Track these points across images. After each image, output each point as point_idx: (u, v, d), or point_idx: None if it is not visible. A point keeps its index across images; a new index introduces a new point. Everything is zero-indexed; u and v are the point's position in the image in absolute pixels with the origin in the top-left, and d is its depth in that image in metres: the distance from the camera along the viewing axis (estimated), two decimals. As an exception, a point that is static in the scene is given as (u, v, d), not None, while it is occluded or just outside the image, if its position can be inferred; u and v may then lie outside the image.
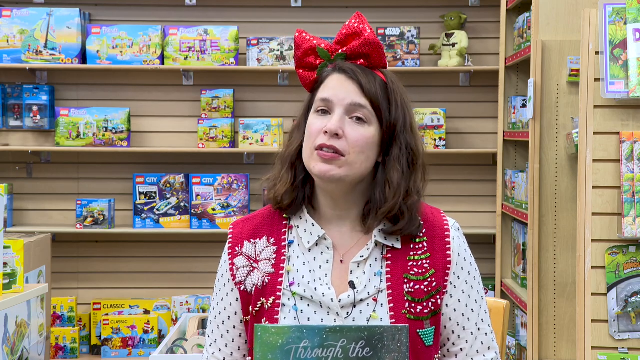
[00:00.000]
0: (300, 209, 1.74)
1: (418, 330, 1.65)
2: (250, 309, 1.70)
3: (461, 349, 1.73)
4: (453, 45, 4.78)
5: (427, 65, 4.93)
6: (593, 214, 2.76)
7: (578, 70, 3.43)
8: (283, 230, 1.75)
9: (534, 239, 3.59)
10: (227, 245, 1.77)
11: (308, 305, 1.67)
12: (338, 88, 1.66)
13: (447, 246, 1.71)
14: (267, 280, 1.70)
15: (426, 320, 1.66)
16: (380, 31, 4.86)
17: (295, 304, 1.68)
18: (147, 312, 4.90)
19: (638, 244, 2.75)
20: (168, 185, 4.85)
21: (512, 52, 4.41)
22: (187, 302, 4.86)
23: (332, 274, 1.69)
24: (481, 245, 4.83)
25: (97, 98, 5.01)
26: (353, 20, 1.68)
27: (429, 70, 4.90)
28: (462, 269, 1.73)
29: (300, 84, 1.79)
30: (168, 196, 4.84)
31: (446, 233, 1.73)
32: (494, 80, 4.70)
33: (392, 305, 1.65)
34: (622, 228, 2.69)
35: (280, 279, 1.70)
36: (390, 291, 1.66)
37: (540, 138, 3.60)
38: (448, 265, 1.70)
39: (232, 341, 1.76)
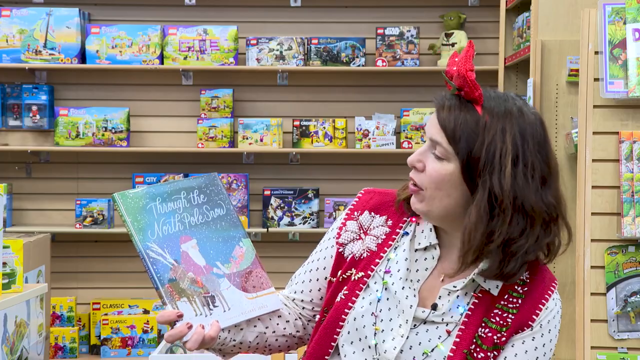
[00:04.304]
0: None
1: None
2: (339, 274, 1.70)
3: None
4: (452, 45, 4.78)
5: (426, 65, 4.93)
6: (592, 213, 2.76)
7: (577, 70, 3.43)
8: (405, 218, 1.73)
9: (534, 239, 3.59)
10: (349, 206, 1.78)
11: (387, 299, 1.66)
12: (430, 121, 1.66)
13: (537, 312, 1.63)
14: (365, 255, 1.70)
15: None
16: (380, 31, 4.86)
17: (380, 291, 1.66)
18: (146, 311, 4.90)
19: (637, 244, 2.75)
20: (167, 185, 4.85)
21: (511, 52, 4.41)
22: (186, 301, 4.86)
23: (425, 284, 1.67)
24: (480, 245, 4.82)
25: (96, 98, 5.01)
26: (463, 50, 1.65)
27: (428, 70, 4.89)
28: (533, 339, 1.63)
29: (299, 84, 1.79)
30: (167, 196, 4.84)
31: (543, 301, 1.65)
32: (494, 80, 4.70)
33: (458, 340, 1.61)
34: (622, 228, 2.69)
35: (377, 260, 1.69)
36: (463, 327, 1.62)
37: (539, 138, 3.60)
38: (525, 327, 1.63)
39: (310, 291, 1.77)
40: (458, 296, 1.65)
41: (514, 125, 1.58)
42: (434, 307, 1.64)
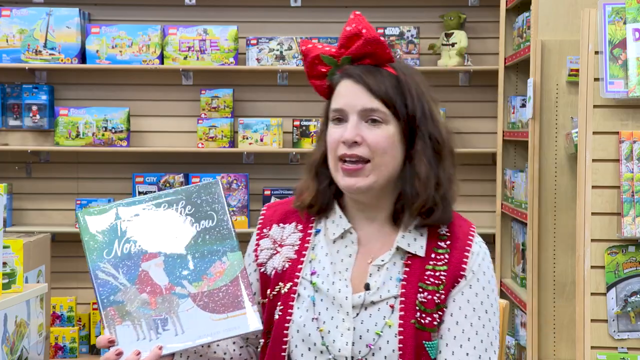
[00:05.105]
0: (329, 208, 1.73)
1: (424, 342, 1.61)
2: (268, 293, 1.69)
3: None
4: (452, 45, 4.78)
5: (426, 65, 4.93)
6: (592, 213, 2.76)
7: (577, 70, 3.43)
8: (312, 218, 1.73)
9: (534, 239, 3.59)
10: (257, 226, 1.78)
11: (322, 300, 1.65)
12: (348, 95, 1.65)
13: (465, 260, 1.66)
14: (286, 266, 1.69)
15: (433, 333, 1.62)
16: (380, 31, 4.85)
17: (312, 295, 1.66)
18: (146, 311, 4.89)
19: (637, 244, 2.75)
20: (167, 185, 4.85)
21: (511, 52, 4.41)
22: (186, 301, 4.86)
23: (353, 270, 1.67)
24: (481, 245, 4.82)
25: (96, 98, 5.01)
26: (351, 22, 1.67)
27: (428, 70, 4.89)
28: (471, 287, 1.66)
29: (299, 84, 1.79)
30: (167, 196, 4.84)
31: (467, 248, 1.68)
32: (494, 80, 4.70)
33: (402, 313, 1.62)
34: (622, 228, 2.70)
35: (299, 266, 1.69)
36: (403, 298, 1.63)
37: (539, 138, 3.60)
38: (459, 279, 1.65)
39: None
40: (388, 268, 1.66)
41: (420, 79, 1.70)
42: (367, 286, 1.65)
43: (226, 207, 1.61)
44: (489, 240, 4.82)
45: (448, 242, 1.68)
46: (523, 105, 4.24)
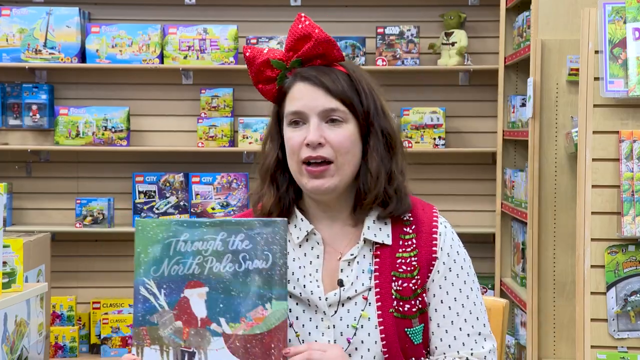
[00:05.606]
0: (290, 213, 1.73)
1: (406, 329, 1.63)
2: None
3: (444, 353, 1.68)
4: (452, 44, 4.78)
5: (426, 64, 4.93)
6: (592, 213, 2.76)
7: (577, 69, 3.42)
8: None
9: (534, 238, 3.59)
10: None
11: (297, 303, 1.67)
12: (305, 97, 1.65)
13: (434, 242, 1.69)
14: None
15: (414, 319, 1.65)
16: (380, 30, 4.86)
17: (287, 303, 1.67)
18: (146, 311, 4.89)
19: (637, 243, 2.75)
20: (167, 184, 4.85)
21: (511, 51, 4.41)
22: (186, 301, 4.86)
23: (324, 270, 1.69)
24: (480, 244, 4.83)
25: (96, 97, 5.01)
26: (299, 24, 1.66)
27: (428, 70, 4.89)
28: (451, 270, 1.69)
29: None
30: (167, 195, 4.84)
31: (434, 229, 1.70)
32: (494, 79, 4.70)
33: (379, 303, 1.64)
34: (622, 227, 2.69)
35: None
36: (378, 289, 1.65)
37: (539, 137, 3.60)
38: (433, 262, 1.68)
39: None
40: (358, 262, 1.67)
41: (367, 75, 1.71)
42: (340, 283, 1.66)
43: (285, 251, 1.52)
44: (489, 239, 4.82)
45: (413, 227, 1.70)
46: (523, 105, 4.24)
